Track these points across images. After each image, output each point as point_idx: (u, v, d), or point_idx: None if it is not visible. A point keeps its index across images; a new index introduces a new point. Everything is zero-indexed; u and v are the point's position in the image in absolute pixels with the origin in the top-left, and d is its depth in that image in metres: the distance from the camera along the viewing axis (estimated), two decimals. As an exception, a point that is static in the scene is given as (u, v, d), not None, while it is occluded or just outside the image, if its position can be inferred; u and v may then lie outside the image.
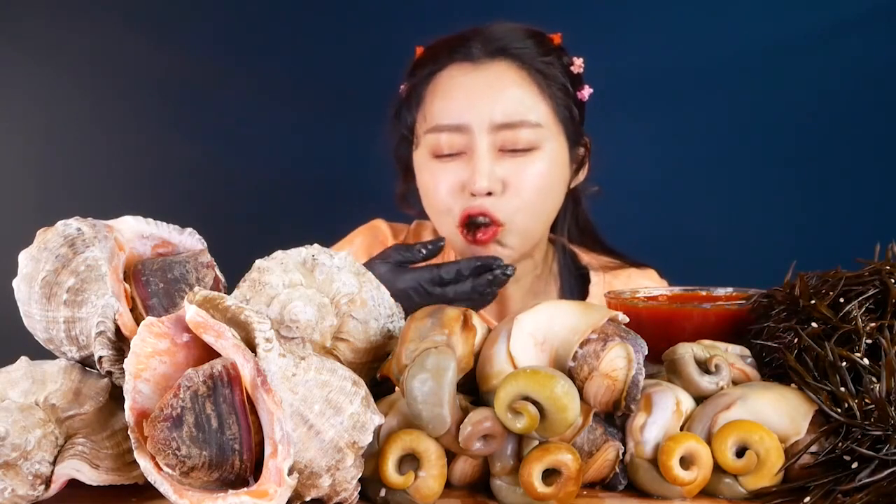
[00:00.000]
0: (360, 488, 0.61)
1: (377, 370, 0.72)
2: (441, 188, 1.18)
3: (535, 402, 0.60)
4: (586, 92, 1.25)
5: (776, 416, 0.64)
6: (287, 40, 1.99)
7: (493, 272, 1.06)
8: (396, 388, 0.67)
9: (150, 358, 0.59)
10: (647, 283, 1.32)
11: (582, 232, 1.34)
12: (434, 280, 1.05)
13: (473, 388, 0.65)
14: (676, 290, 0.91)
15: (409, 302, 1.04)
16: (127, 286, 0.67)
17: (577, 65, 1.24)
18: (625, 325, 0.65)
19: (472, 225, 1.16)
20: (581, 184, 1.29)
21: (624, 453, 0.65)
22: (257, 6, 2.03)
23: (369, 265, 1.07)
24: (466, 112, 1.16)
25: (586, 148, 1.27)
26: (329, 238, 0.79)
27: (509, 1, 1.36)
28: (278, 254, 0.71)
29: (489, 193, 1.15)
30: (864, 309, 0.69)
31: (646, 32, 1.91)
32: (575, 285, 1.33)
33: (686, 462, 0.63)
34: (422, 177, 1.22)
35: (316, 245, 0.73)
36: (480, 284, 1.06)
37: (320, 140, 1.93)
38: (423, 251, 1.07)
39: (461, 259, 1.09)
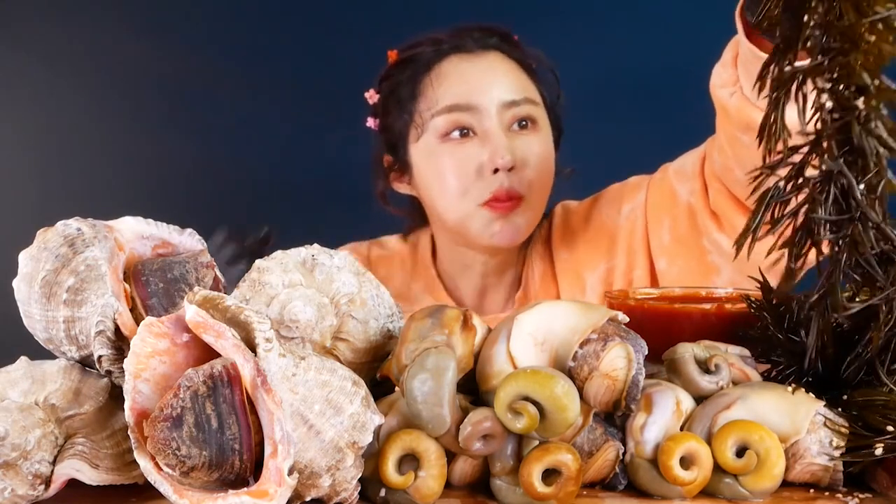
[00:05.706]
0: (360, 488, 0.61)
1: (377, 370, 0.72)
2: (460, 169, 1.22)
3: (535, 402, 0.60)
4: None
5: (776, 416, 0.64)
6: (288, 40, 1.98)
7: None
8: (396, 388, 0.67)
9: (150, 358, 0.59)
10: None
11: None
12: None
13: (473, 388, 0.65)
14: (676, 290, 0.91)
15: None
16: (127, 286, 0.67)
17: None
18: (625, 325, 0.65)
19: (497, 201, 1.22)
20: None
21: (624, 453, 0.65)
22: (258, 6, 2.02)
23: None
24: (478, 93, 1.23)
25: (561, 133, 1.35)
26: (329, 238, 0.79)
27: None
28: (278, 254, 0.71)
29: (511, 168, 1.21)
30: None
31: (646, 30, 1.91)
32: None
33: (686, 462, 0.63)
34: (431, 162, 1.25)
35: (316, 245, 0.73)
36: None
37: (321, 140, 1.93)
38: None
39: None
